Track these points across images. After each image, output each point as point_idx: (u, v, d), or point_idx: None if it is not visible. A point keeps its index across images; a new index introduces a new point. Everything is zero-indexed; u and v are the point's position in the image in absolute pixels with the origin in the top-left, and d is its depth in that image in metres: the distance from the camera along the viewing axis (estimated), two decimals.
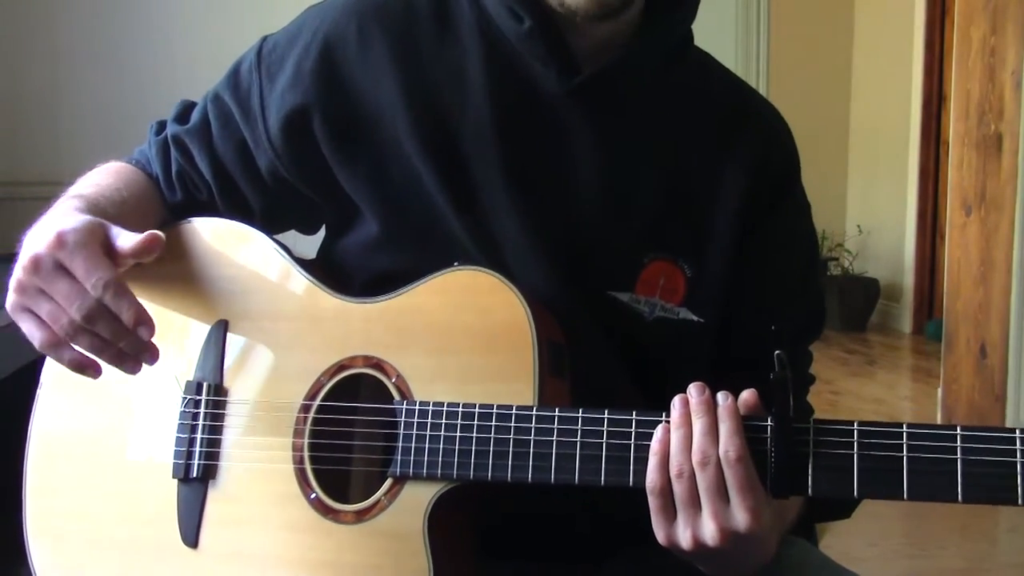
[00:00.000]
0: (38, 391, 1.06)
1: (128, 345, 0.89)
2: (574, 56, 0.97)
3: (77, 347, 0.90)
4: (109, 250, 0.90)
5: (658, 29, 0.99)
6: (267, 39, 1.07)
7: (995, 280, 3.46)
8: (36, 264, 0.87)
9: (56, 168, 2.73)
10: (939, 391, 3.90)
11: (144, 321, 0.88)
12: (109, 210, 0.98)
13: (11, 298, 0.89)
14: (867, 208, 6.40)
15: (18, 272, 0.89)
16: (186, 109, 1.12)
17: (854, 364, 5.27)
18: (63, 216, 0.93)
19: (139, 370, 0.92)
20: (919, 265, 5.90)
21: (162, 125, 1.13)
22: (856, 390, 4.67)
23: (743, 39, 3.52)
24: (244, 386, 0.99)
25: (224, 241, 1.05)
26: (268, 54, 1.05)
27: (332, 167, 1.01)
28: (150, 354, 0.91)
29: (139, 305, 0.88)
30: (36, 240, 0.89)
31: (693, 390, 0.84)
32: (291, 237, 1.10)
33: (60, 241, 0.87)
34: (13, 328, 0.93)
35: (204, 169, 1.08)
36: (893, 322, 6.11)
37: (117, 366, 0.91)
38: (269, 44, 1.06)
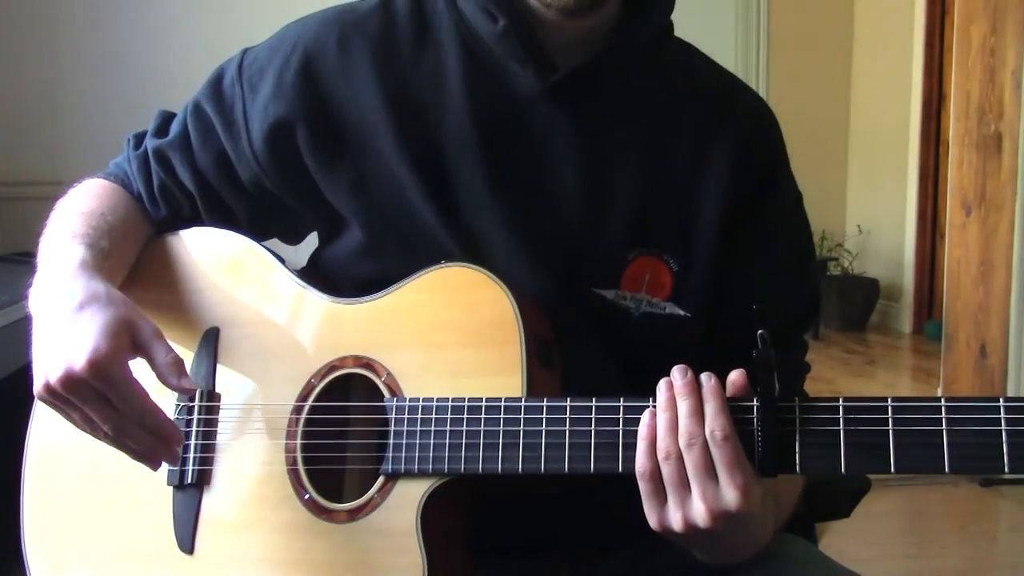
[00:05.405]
0: (34, 404, 1.05)
1: (160, 453, 0.92)
2: (550, 54, 0.97)
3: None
4: (136, 347, 0.90)
5: (635, 25, 0.99)
6: (248, 52, 1.07)
7: (995, 280, 3.45)
8: (72, 384, 0.86)
9: (56, 168, 2.73)
10: (939, 391, 3.90)
11: (173, 437, 0.91)
12: (103, 244, 0.99)
13: (39, 392, 0.89)
14: (867, 208, 6.39)
15: (48, 375, 0.87)
16: (165, 121, 1.11)
17: (854, 364, 5.27)
18: (83, 308, 0.90)
19: (159, 467, 0.95)
20: (919, 265, 5.89)
21: (139, 139, 1.12)
22: (856, 390, 4.66)
23: (743, 39, 3.52)
24: (236, 391, 1.00)
25: (213, 249, 1.05)
26: (249, 66, 1.05)
27: (315, 177, 1.01)
28: (173, 459, 0.94)
29: (169, 422, 0.91)
30: (62, 344, 0.87)
31: (676, 372, 0.85)
32: (284, 251, 1.09)
33: (97, 370, 0.86)
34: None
35: (186, 181, 1.07)
36: (893, 322, 6.11)
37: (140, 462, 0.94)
38: (250, 57, 1.06)
